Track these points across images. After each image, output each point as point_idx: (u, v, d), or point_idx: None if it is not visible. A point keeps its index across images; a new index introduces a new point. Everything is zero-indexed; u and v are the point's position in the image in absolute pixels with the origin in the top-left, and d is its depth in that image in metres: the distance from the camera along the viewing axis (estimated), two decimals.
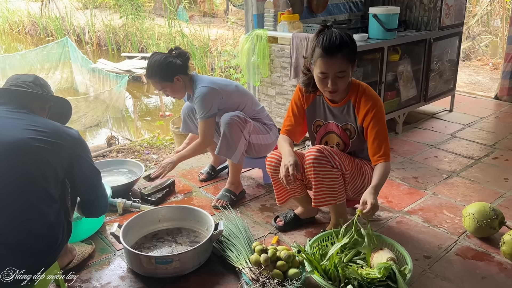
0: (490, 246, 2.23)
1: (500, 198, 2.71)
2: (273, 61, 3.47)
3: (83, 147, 1.82)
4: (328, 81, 1.99)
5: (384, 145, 2.07)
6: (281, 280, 1.86)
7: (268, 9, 3.44)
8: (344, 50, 1.94)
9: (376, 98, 2.11)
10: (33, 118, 1.72)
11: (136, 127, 6.56)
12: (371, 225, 2.37)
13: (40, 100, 1.87)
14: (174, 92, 2.65)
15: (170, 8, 11.47)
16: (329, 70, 1.96)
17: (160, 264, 1.94)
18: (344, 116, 2.17)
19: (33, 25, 13.89)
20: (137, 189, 2.80)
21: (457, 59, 4.35)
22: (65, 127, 1.79)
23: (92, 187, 1.89)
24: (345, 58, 1.95)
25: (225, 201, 2.61)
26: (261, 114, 2.80)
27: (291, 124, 2.25)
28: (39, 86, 1.87)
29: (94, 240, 2.28)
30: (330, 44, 1.93)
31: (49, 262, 1.70)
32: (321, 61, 1.96)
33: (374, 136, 2.07)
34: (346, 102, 2.15)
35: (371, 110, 2.07)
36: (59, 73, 8.54)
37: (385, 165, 2.05)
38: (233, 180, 2.71)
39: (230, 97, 2.67)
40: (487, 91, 5.56)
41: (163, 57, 2.58)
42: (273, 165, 2.20)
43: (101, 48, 12.13)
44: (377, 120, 2.07)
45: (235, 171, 2.69)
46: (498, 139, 3.67)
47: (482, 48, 8.02)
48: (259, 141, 2.72)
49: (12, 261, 1.55)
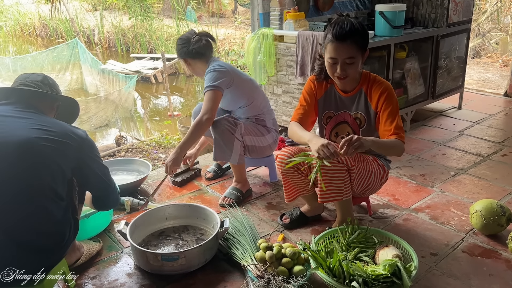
0: (498, 243, 2.21)
1: (508, 195, 2.68)
2: (279, 60, 3.48)
3: (91, 147, 1.85)
4: (337, 67, 2.01)
5: (395, 123, 2.05)
6: (286, 277, 1.86)
7: (274, 7, 3.45)
8: (354, 37, 1.95)
9: (387, 83, 2.13)
10: (41, 118, 1.75)
11: (146, 127, 6.61)
12: (378, 223, 2.39)
13: (48, 100, 1.90)
14: (193, 69, 2.73)
15: (178, 9, 11.53)
16: (338, 55, 1.98)
17: (167, 261, 1.96)
18: (356, 105, 2.18)
19: (43, 27, 14.06)
20: (145, 187, 2.83)
21: (465, 56, 4.31)
22: (72, 127, 1.82)
23: (103, 184, 1.93)
24: (354, 44, 1.96)
25: (231, 199, 2.62)
26: (266, 116, 2.77)
27: (303, 113, 2.24)
28: (48, 85, 1.90)
29: (102, 238, 2.31)
30: (340, 29, 1.95)
31: (56, 260, 1.73)
32: (331, 46, 1.98)
33: (387, 117, 2.08)
34: (358, 91, 2.16)
35: (383, 94, 2.09)
36: (69, 74, 8.64)
37: (395, 141, 2.02)
38: (238, 179, 2.72)
39: (241, 85, 2.65)
40: (497, 88, 5.51)
41: (185, 39, 2.66)
42: (285, 162, 2.19)
43: (111, 49, 12.24)
44: (389, 102, 2.09)
45: (238, 170, 2.70)
46: (507, 136, 3.63)
47: (492, 45, 7.93)
48: (253, 142, 2.68)
49: (19, 259, 1.58)
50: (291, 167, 2.16)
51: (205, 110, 2.48)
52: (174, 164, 2.50)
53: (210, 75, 2.55)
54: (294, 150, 2.19)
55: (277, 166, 2.24)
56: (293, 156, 2.14)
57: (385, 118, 2.08)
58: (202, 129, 2.51)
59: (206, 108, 2.49)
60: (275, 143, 2.82)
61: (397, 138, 2.03)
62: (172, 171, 2.53)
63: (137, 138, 5.22)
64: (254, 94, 2.72)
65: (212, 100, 2.50)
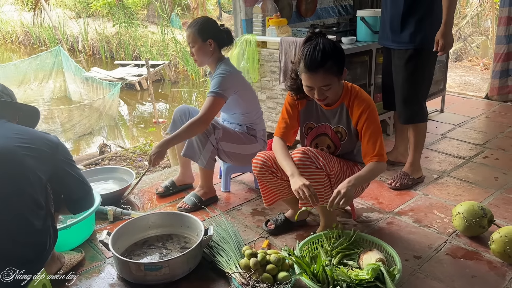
0: (480, 245, 2.23)
1: (490, 196, 2.72)
2: (262, 66, 3.49)
3: (65, 151, 1.84)
4: (315, 92, 2.02)
5: (377, 145, 2.08)
6: (271, 284, 1.85)
7: (257, 14, 3.46)
8: (326, 65, 1.94)
9: (369, 100, 2.13)
10: (14, 126, 1.73)
11: (131, 134, 6.56)
12: (362, 227, 2.40)
13: (12, 109, 1.86)
14: (199, 52, 2.54)
15: (163, 15, 11.50)
16: (313, 84, 1.99)
17: (150, 271, 1.94)
18: (337, 118, 2.18)
19: (26, 35, 13.91)
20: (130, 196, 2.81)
21: (446, 60, 4.37)
22: (44, 133, 1.80)
23: (82, 186, 1.92)
24: (328, 72, 1.96)
25: (188, 205, 2.61)
26: (257, 126, 2.74)
27: (285, 127, 2.24)
28: (8, 95, 1.87)
29: (84, 248, 2.27)
30: (311, 60, 1.94)
31: (36, 270, 1.70)
32: (305, 76, 1.99)
33: (368, 138, 2.09)
34: (339, 105, 2.16)
35: (365, 112, 2.09)
36: (53, 82, 8.56)
37: (376, 164, 2.06)
38: (202, 185, 2.69)
39: (244, 95, 2.63)
40: (478, 91, 5.60)
41: (214, 21, 2.60)
42: (259, 166, 2.18)
43: (95, 56, 12.15)
44: (371, 122, 2.09)
45: (204, 175, 2.67)
46: (489, 139, 3.69)
47: (473, 49, 8.07)
48: (234, 150, 2.65)
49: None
50: (265, 171, 2.16)
51: (202, 115, 2.44)
52: (158, 157, 2.45)
53: (219, 80, 2.50)
54: (270, 155, 2.19)
55: (252, 169, 2.22)
56: (268, 160, 2.16)
57: (367, 138, 2.10)
58: (194, 131, 2.47)
59: (204, 113, 2.44)
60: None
61: (378, 161, 2.07)
62: (155, 163, 2.48)
63: (121, 146, 5.17)
64: (251, 106, 2.70)
65: (212, 106, 2.46)
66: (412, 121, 2.86)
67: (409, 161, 2.91)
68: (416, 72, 2.76)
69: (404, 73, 2.78)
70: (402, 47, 2.75)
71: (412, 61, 2.73)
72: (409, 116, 2.86)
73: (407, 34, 2.70)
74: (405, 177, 2.85)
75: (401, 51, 2.77)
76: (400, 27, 2.72)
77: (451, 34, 2.58)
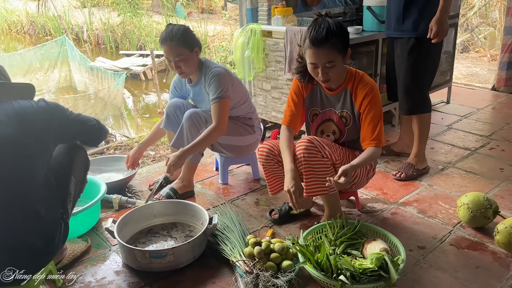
0: (484, 235, 2.23)
1: (495, 188, 2.71)
2: (267, 55, 3.47)
3: (57, 109, 1.81)
4: (319, 71, 2.01)
5: (377, 129, 2.08)
6: (275, 272, 1.86)
7: (262, 3, 3.44)
8: (331, 40, 1.95)
9: (373, 84, 2.13)
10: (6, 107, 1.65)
11: (136, 124, 6.57)
12: (366, 217, 2.40)
13: (5, 89, 1.75)
14: (187, 63, 2.49)
15: (167, 5, 11.46)
16: (318, 60, 1.99)
17: (155, 259, 1.95)
18: (341, 103, 2.19)
19: (31, 24, 13.89)
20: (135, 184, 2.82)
21: (453, 51, 4.33)
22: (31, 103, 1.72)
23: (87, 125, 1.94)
24: (332, 48, 1.96)
25: (163, 197, 2.58)
26: (253, 115, 2.75)
27: (292, 115, 2.25)
28: (4, 76, 1.78)
29: (90, 236, 2.29)
30: (316, 35, 1.95)
31: (46, 262, 1.71)
32: (309, 52, 1.99)
33: (369, 121, 2.10)
34: (343, 89, 2.16)
35: (368, 95, 2.10)
36: (58, 72, 8.55)
37: (374, 150, 2.07)
38: (183, 177, 2.67)
39: (237, 86, 2.62)
40: (485, 82, 5.55)
41: (188, 27, 2.54)
42: (265, 155, 2.21)
43: (100, 46, 12.13)
44: (373, 105, 2.10)
45: (188, 168, 2.64)
46: (495, 130, 3.67)
47: (480, 40, 7.99)
48: (231, 142, 2.65)
49: (12, 263, 1.57)
50: (271, 160, 2.21)
51: (218, 123, 2.46)
52: (176, 166, 2.43)
53: (216, 83, 2.48)
54: (276, 143, 2.22)
55: (258, 158, 2.25)
56: (274, 149, 2.20)
57: (368, 121, 2.10)
58: (213, 139, 2.52)
59: (219, 121, 2.46)
60: (257, 143, 2.79)
61: (375, 146, 2.07)
62: (173, 172, 2.52)
63: (126, 135, 5.18)
64: (243, 93, 2.69)
65: (223, 111, 2.48)
66: (413, 112, 2.84)
67: (414, 152, 2.90)
68: (418, 62, 2.73)
69: (407, 63, 2.76)
70: (405, 35, 2.73)
71: (414, 51, 2.71)
72: (410, 107, 2.84)
73: (410, 22, 2.68)
74: (410, 168, 2.85)
75: (403, 40, 2.74)
76: (402, 15, 2.70)
77: (446, 21, 2.55)
